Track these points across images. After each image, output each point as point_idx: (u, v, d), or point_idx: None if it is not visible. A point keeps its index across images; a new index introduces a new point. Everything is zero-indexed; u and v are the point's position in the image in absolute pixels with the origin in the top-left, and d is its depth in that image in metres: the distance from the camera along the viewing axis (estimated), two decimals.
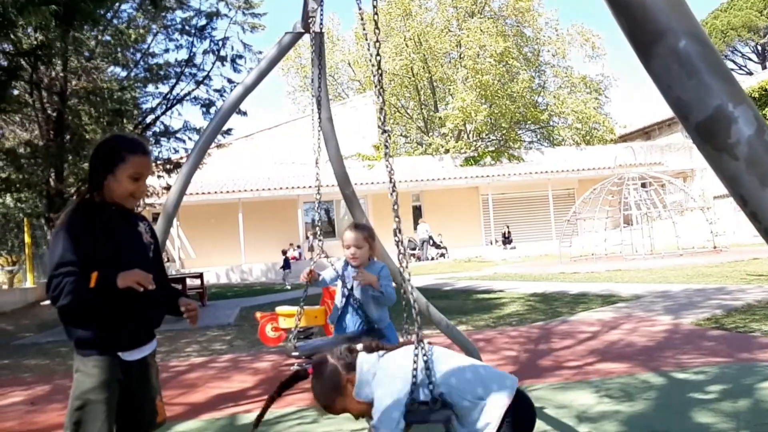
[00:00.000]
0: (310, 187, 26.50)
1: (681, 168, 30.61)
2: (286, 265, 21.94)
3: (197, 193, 25.67)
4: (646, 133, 37.22)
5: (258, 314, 6.77)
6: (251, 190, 27.28)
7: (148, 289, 2.28)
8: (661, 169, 27.88)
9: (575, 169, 29.76)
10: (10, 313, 14.26)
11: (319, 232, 4.08)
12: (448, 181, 29.59)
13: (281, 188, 27.35)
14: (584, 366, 5.74)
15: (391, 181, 2.44)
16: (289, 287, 18.72)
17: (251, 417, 4.79)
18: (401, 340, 3.84)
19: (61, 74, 15.28)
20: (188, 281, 14.14)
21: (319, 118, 4.51)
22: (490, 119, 37.17)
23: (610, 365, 5.68)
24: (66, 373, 7.35)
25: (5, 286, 18.90)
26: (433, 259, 27.11)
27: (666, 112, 34.36)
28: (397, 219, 2.43)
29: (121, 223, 2.52)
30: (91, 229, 2.39)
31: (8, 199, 16.70)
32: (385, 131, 2.44)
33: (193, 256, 28.07)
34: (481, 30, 35.74)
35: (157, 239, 2.70)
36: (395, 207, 2.42)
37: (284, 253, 22.69)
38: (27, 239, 17.32)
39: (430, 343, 2.26)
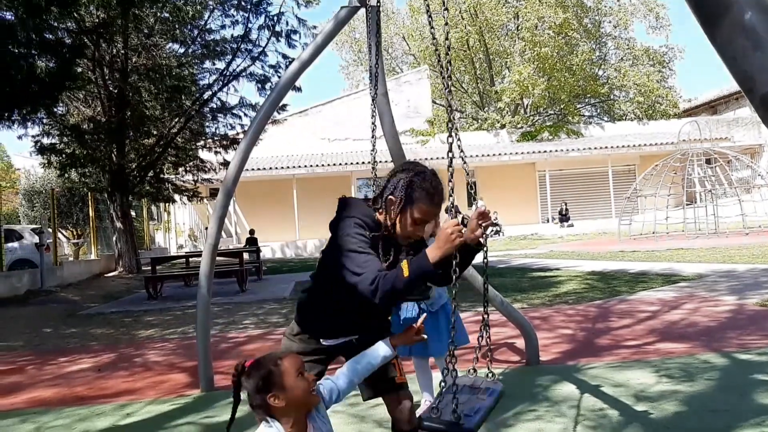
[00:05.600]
0: (363, 163, 26.80)
1: (749, 143, 29.42)
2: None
3: (252, 169, 26.06)
4: (712, 107, 35.84)
5: None
6: (305, 166, 27.52)
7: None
8: (728, 145, 26.86)
9: (636, 144, 28.92)
10: (76, 283, 14.84)
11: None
12: (503, 157, 29.18)
13: (335, 164, 27.50)
14: (643, 345, 5.62)
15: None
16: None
17: None
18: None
19: (122, 51, 15.67)
20: (245, 256, 14.41)
21: (375, 93, 4.48)
22: (548, 93, 36.40)
23: (671, 345, 5.54)
24: (130, 343, 7.64)
25: (71, 258, 19.63)
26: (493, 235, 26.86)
27: (734, 85, 32.98)
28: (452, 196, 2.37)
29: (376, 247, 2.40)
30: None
31: (73, 174, 17.27)
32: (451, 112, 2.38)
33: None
34: (540, 1, 34.89)
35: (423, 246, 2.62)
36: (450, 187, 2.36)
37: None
38: (91, 213, 17.92)
39: None
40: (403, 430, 2.61)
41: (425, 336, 2.29)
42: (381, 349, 2.31)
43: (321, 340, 2.57)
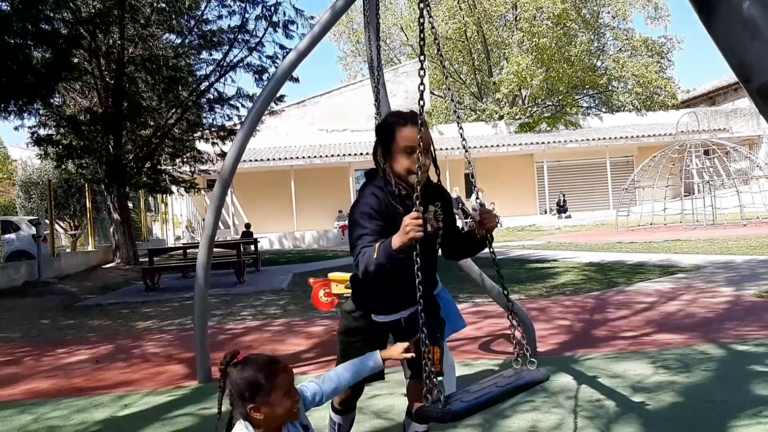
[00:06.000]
0: (361, 154, 26.74)
1: (747, 134, 29.43)
2: None
3: (250, 161, 26.01)
4: (710, 98, 35.81)
5: (311, 280, 6.87)
6: (303, 157, 27.48)
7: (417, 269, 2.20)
8: (726, 136, 26.87)
9: (635, 135, 28.92)
10: (74, 275, 14.82)
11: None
12: (501, 148, 29.16)
13: (333, 156, 27.47)
14: (640, 336, 5.63)
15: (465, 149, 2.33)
16: None
17: (306, 378, 4.88)
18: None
19: (119, 42, 15.59)
20: (242, 247, 14.39)
21: (376, 83, 4.47)
22: (547, 84, 36.34)
23: (668, 336, 5.56)
24: (127, 334, 7.64)
25: (68, 250, 19.62)
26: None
27: (732, 76, 32.89)
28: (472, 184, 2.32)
29: (404, 208, 2.36)
30: (380, 211, 2.40)
31: (70, 165, 17.23)
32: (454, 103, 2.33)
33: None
34: None
35: (450, 212, 2.59)
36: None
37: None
38: (88, 204, 17.89)
39: None
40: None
41: (413, 354, 2.32)
42: (371, 361, 2.37)
43: (372, 316, 2.63)
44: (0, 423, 4.23)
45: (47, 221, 15.73)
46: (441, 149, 26.41)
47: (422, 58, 2.25)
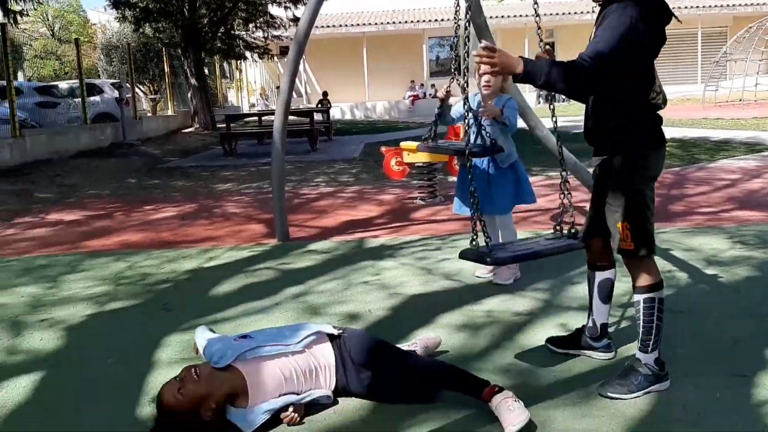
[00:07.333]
0: (436, 20, 25.74)
1: None
2: None
3: (322, 27, 25.51)
4: None
5: (383, 148, 6.91)
6: (375, 23, 26.71)
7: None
8: None
9: (730, 4, 26.69)
10: (155, 138, 15.37)
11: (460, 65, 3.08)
12: (586, 15, 27.51)
13: (406, 21, 26.60)
14: (719, 212, 5.52)
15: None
16: None
17: (378, 242, 5.06)
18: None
19: None
20: (315, 116, 14.46)
21: None
22: None
23: (747, 213, 5.42)
24: (208, 195, 8.00)
25: (149, 114, 20.21)
26: (564, 101, 25.97)
27: None
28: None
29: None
30: None
31: (147, 29, 17.36)
32: None
33: (319, 91, 28.51)
34: None
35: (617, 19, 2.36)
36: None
37: None
38: (166, 69, 18.18)
39: None
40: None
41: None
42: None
43: None
44: (98, 269, 4.61)
45: (128, 85, 16.14)
46: (519, 16, 24.90)
47: None
